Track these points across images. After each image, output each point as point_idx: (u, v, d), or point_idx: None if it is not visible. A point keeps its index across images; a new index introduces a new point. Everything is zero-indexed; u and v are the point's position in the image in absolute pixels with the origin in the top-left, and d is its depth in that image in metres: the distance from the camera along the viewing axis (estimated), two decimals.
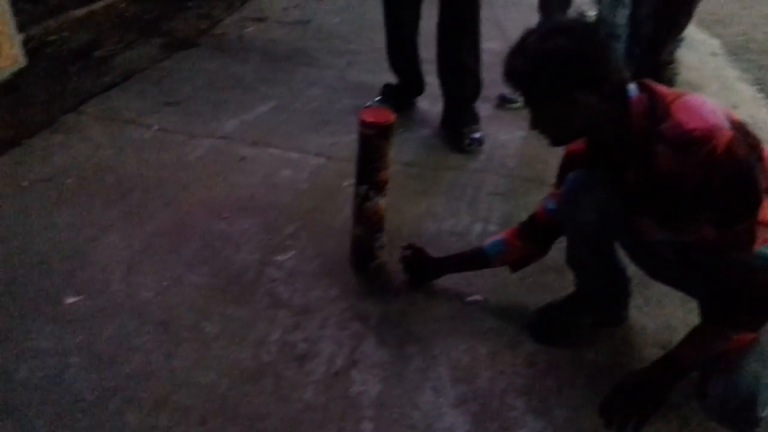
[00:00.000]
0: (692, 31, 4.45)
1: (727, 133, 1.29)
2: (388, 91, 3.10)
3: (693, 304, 1.79)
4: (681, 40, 3.82)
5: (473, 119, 2.86)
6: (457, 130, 2.82)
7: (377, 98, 3.07)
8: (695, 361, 1.46)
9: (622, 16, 3.16)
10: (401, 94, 3.09)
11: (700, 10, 4.78)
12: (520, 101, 3.03)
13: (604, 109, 1.39)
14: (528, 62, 1.38)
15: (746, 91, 3.59)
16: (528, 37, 1.42)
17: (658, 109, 1.38)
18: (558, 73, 1.36)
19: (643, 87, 1.43)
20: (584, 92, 1.36)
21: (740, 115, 3.09)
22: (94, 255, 2.03)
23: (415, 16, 2.89)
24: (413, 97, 3.14)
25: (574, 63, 1.35)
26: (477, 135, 2.80)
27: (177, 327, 1.79)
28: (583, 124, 1.43)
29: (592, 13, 4.33)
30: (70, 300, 1.84)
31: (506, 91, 3.10)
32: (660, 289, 1.88)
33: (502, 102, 3.16)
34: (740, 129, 1.34)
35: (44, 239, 2.08)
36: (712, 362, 1.42)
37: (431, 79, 3.01)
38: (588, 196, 1.60)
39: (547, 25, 1.44)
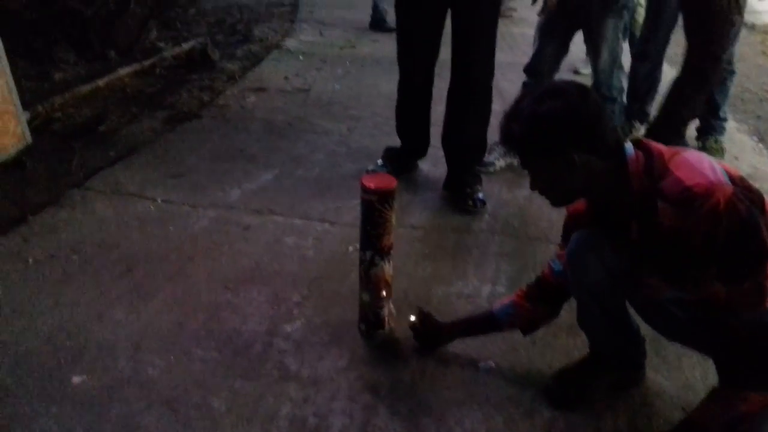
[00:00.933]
0: None
1: (728, 188, 1.29)
2: (389, 155, 3.12)
3: (711, 363, 1.76)
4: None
5: (476, 180, 2.89)
6: (461, 191, 2.85)
7: (379, 161, 3.10)
8: (716, 424, 1.42)
9: (618, 78, 3.22)
10: (403, 157, 3.11)
11: None
12: (497, 164, 3.08)
13: (602, 169, 1.40)
14: (523, 126, 1.40)
15: (746, 141, 3.62)
16: (522, 100, 1.44)
17: (656, 167, 1.38)
18: (554, 134, 1.37)
19: (639, 145, 1.44)
20: (581, 152, 1.37)
21: (741, 165, 3.13)
22: (100, 332, 2.00)
23: (429, 81, 2.90)
24: (416, 160, 3.15)
25: (570, 124, 1.36)
26: (480, 195, 2.82)
27: (184, 405, 1.75)
28: (582, 184, 1.44)
29: (585, 71, 4.42)
30: (77, 380, 1.81)
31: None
32: (676, 348, 1.84)
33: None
34: (741, 183, 1.34)
35: (50, 317, 2.06)
36: (734, 424, 1.38)
37: (432, 140, 3.05)
38: (594, 256, 1.58)
39: (540, 89, 1.46)
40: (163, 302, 2.17)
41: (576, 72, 4.53)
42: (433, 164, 3.19)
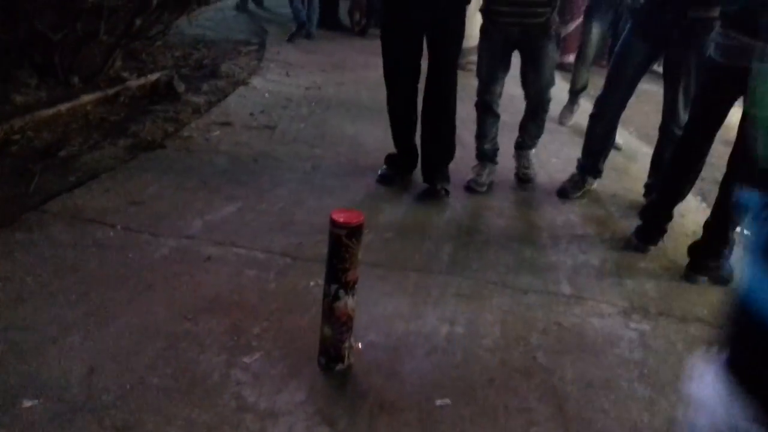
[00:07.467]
0: (636, 144, 4.75)
1: None
2: (391, 160, 3.56)
3: (658, 406, 1.82)
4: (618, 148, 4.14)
5: (445, 177, 3.43)
6: (433, 184, 3.40)
7: (383, 167, 3.54)
8: None
9: (549, 93, 3.57)
10: (400, 162, 3.56)
11: (642, 124, 5.15)
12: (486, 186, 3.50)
13: None
14: None
15: (690, 201, 3.78)
16: None
17: None
18: None
19: None
20: None
21: (687, 223, 3.27)
22: (53, 356, 1.96)
23: (411, 98, 3.39)
24: (412, 165, 3.58)
25: None
26: (447, 188, 3.40)
27: None
28: None
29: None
30: (28, 404, 1.76)
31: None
32: (625, 392, 1.91)
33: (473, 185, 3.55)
34: None
35: (2, 340, 2.01)
36: None
37: None
38: None
39: None
40: (119, 328, 2.14)
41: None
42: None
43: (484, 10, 3.38)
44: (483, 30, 3.44)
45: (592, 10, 4.61)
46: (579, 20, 5.11)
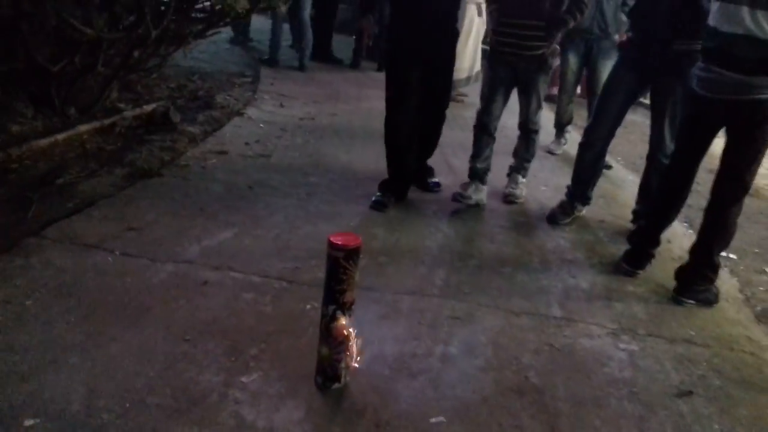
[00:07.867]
0: (623, 173, 4.85)
1: None
2: (384, 186, 3.72)
3: (648, 423, 1.86)
4: (609, 167, 4.28)
5: (431, 172, 4.07)
6: (424, 179, 4.00)
7: (377, 193, 3.67)
8: None
9: (540, 117, 3.88)
10: (396, 188, 3.75)
11: (629, 153, 5.26)
12: (473, 198, 3.72)
13: None
14: None
15: (677, 227, 3.87)
16: None
17: None
18: None
19: None
20: None
21: (674, 249, 3.33)
22: (54, 377, 1.99)
23: (411, 120, 3.66)
24: (407, 187, 3.83)
25: None
26: (436, 180, 4.05)
27: None
28: None
29: (558, 151, 4.78)
30: (29, 422, 1.79)
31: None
32: (615, 410, 1.95)
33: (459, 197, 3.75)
34: None
35: (2, 361, 2.03)
36: None
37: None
38: None
39: None
40: (119, 350, 2.17)
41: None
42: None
43: (490, 42, 3.82)
44: (488, 59, 3.86)
45: (565, 43, 4.81)
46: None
